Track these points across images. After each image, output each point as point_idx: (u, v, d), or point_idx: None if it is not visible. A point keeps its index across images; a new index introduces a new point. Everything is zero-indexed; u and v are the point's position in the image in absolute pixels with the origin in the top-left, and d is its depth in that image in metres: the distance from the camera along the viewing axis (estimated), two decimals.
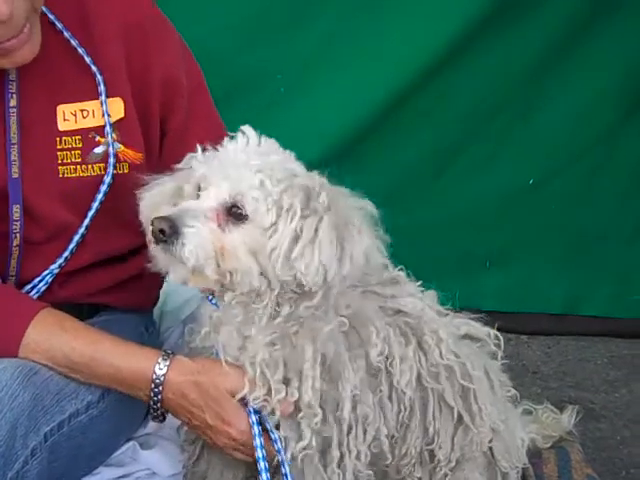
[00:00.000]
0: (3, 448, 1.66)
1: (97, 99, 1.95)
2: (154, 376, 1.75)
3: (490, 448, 1.92)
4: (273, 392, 1.72)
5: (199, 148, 1.73)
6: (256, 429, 1.75)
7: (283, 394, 1.72)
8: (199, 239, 1.62)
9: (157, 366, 1.75)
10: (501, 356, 1.98)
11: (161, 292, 2.34)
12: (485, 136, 3.18)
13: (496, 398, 1.93)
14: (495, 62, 3.05)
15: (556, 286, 3.37)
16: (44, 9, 1.87)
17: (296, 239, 1.63)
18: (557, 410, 2.32)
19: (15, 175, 1.90)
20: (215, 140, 1.97)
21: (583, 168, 3.24)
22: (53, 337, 1.79)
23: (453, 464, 1.87)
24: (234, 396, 1.74)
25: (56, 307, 1.86)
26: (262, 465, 1.74)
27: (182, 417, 1.81)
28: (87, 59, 1.94)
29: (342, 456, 1.76)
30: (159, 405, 1.78)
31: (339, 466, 1.77)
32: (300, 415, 1.73)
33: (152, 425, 2.23)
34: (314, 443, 1.74)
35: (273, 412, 1.75)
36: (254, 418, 1.75)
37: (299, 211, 1.64)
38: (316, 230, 1.63)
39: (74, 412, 1.84)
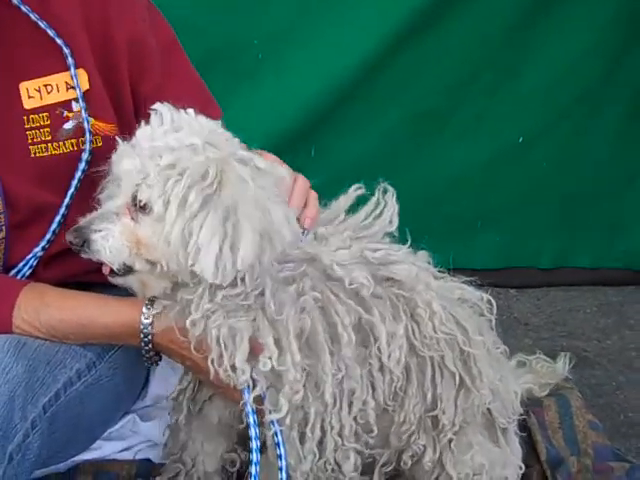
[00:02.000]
0: (1, 421, 1.64)
1: (60, 72, 1.88)
2: (141, 326, 1.74)
3: (488, 408, 1.92)
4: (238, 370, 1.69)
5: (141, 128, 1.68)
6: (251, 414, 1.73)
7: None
8: (108, 241, 1.63)
9: (142, 316, 1.74)
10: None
11: None
12: (471, 96, 3.14)
13: (491, 357, 1.93)
14: (477, 19, 3.01)
15: (547, 241, 3.37)
16: None
17: (187, 233, 1.59)
18: (550, 359, 2.32)
19: None
20: (196, 98, 1.94)
21: (572, 124, 3.21)
22: (40, 314, 1.77)
23: (457, 428, 1.86)
24: None
25: None
26: (252, 419, 1.72)
27: (175, 359, 1.82)
28: (51, 32, 1.86)
29: (324, 432, 1.75)
30: (151, 352, 1.79)
31: (320, 443, 1.75)
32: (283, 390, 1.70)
33: (151, 397, 2.24)
34: (288, 420, 1.72)
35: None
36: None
37: (185, 201, 1.58)
38: (201, 227, 1.58)
39: (67, 381, 1.82)
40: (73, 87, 1.89)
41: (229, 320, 1.66)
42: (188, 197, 1.58)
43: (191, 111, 1.69)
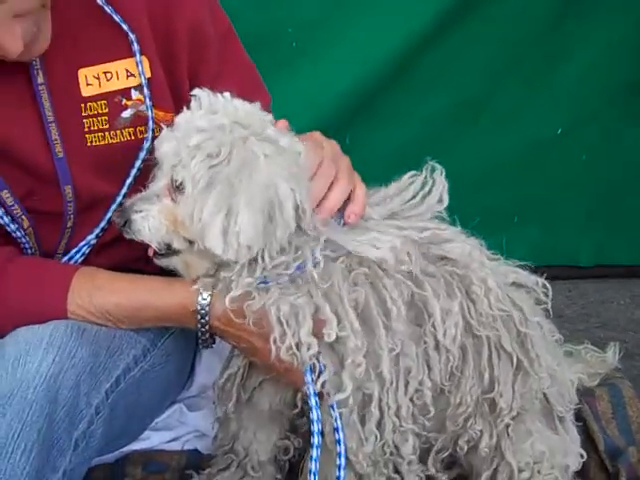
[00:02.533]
0: (67, 407, 1.62)
1: (121, 59, 1.86)
2: (199, 307, 1.72)
3: (544, 394, 1.90)
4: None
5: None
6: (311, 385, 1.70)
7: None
8: (148, 221, 1.66)
9: (200, 297, 1.72)
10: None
11: None
12: (509, 86, 3.08)
13: (547, 342, 1.91)
14: (517, 8, 2.96)
15: (585, 238, 3.32)
16: None
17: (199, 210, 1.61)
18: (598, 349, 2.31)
19: (60, 155, 1.82)
20: (249, 84, 1.96)
21: (613, 116, 3.15)
22: (93, 298, 1.75)
23: (515, 413, 1.84)
24: None
25: None
26: (313, 401, 1.70)
27: (230, 341, 1.80)
28: (117, 17, 1.84)
29: (382, 413, 1.73)
30: (207, 334, 1.77)
31: (379, 425, 1.74)
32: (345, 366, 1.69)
33: (197, 387, 2.23)
34: (350, 400, 1.70)
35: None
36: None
37: (199, 179, 1.60)
38: (206, 203, 1.60)
39: (126, 367, 1.81)
40: (133, 75, 1.86)
41: (288, 297, 1.65)
42: (199, 177, 1.60)
43: (227, 94, 1.68)
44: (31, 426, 1.56)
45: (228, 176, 1.58)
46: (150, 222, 1.66)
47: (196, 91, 1.68)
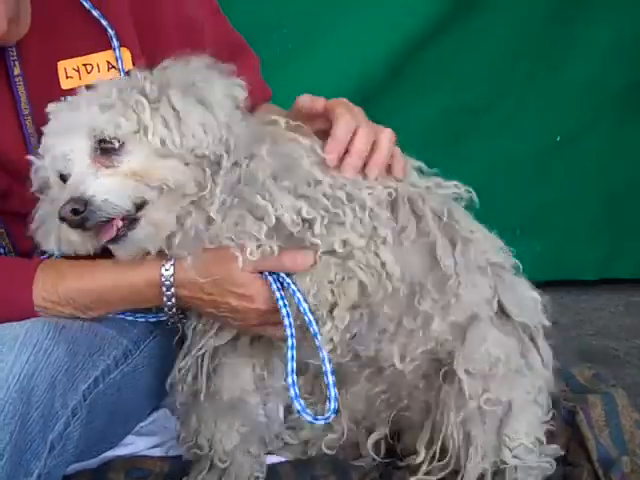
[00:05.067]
0: (42, 408, 1.57)
1: (101, 52, 1.83)
2: (163, 279, 1.67)
3: (499, 301, 1.85)
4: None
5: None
6: (277, 291, 1.67)
7: None
8: (108, 190, 1.57)
9: (163, 268, 1.67)
10: None
11: None
12: (508, 92, 3.07)
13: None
14: (516, 13, 2.96)
15: (589, 252, 3.29)
16: None
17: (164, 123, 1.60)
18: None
19: (37, 149, 1.76)
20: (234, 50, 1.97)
21: (612, 121, 3.14)
22: (58, 287, 1.70)
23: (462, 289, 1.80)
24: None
25: None
26: (287, 321, 1.65)
27: (207, 309, 1.72)
28: (96, 13, 1.83)
29: None
30: (174, 308, 1.72)
31: None
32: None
33: None
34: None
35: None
36: (272, 280, 1.68)
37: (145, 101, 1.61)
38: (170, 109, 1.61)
39: (105, 368, 1.76)
40: (115, 67, 1.83)
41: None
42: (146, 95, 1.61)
43: None
44: (3, 428, 1.51)
45: (177, 82, 1.61)
46: (110, 189, 1.57)
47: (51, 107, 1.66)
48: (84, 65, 1.83)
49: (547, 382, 1.91)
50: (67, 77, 1.82)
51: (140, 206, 1.60)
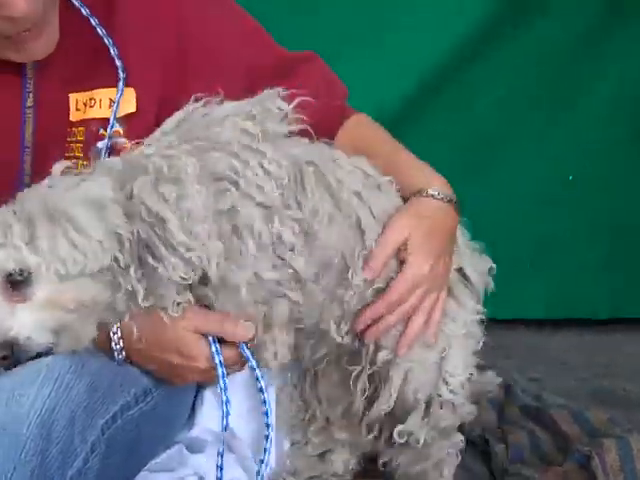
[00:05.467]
0: (61, 444, 1.57)
1: (107, 88, 1.85)
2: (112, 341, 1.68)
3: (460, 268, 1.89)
4: None
5: None
6: (217, 358, 1.71)
7: None
8: (29, 325, 1.52)
9: (112, 343, 1.69)
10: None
11: None
12: (525, 126, 3.08)
13: None
14: (532, 51, 2.98)
15: (603, 290, 3.28)
16: None
17: None
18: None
19: (26, 180, 1.81)
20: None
21: (628, 161, 3.14)
22: None
23: None
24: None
25: None
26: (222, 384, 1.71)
27: (150, 366, 1.75)
28: (113, 51, 1.84)
29: None
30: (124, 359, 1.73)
31: None
32: None
33: (199, 428, 2.17)
34: None
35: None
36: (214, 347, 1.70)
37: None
38: None
39: (125, 404, 1.76)
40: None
41: None
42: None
43: None
44: (24, 465, 1.51)
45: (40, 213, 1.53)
46: (32, 326, 1.52)
47: None
48: (90, 99, 1.84)
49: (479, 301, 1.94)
50: (77, 109, 1.84)
51: (60, 330, 1.56)
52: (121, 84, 1.83)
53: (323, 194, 1.74)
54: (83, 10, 1.83)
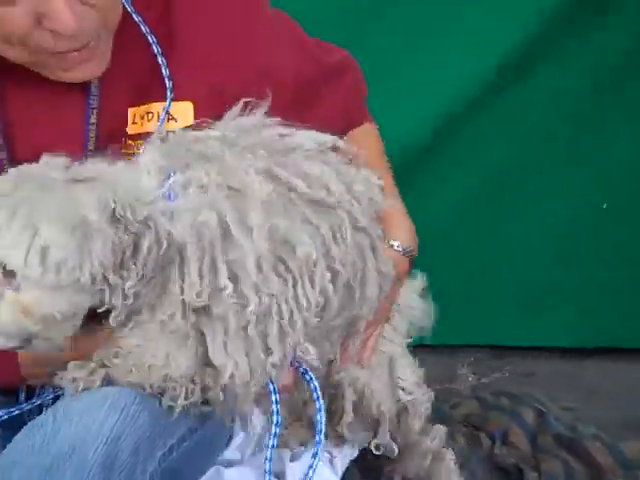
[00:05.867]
0: (124, 474, 1.54)
1: (162, 101, 1.86)
2: None
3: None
4: None
5: None
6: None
7: None
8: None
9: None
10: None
11: None
12: (552, 156, 3.08)
13: None
14: (565, 78, 2.99)
15: (635, 318, 3.26)
16: (128, 7, 1.81)
17: None
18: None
19: None
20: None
21: None
22: None
23: None
24: None
25: None
26: None
27: None
28: (165, 72, 1.85)
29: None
30: None
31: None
32: None
33: (234, 446, 2.22)
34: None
35: None
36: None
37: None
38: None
39: (181, 437, 1.75)
40: (175, 119, 1.86)
41: None
42: None
43: None
44: None
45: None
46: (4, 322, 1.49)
47: None
48: (147, 113, 1.86)
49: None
50: (133, 122, 1.86)
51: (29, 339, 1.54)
52: (167, 103, 1.85)
53: None
54: (142, 27, 1.85)
